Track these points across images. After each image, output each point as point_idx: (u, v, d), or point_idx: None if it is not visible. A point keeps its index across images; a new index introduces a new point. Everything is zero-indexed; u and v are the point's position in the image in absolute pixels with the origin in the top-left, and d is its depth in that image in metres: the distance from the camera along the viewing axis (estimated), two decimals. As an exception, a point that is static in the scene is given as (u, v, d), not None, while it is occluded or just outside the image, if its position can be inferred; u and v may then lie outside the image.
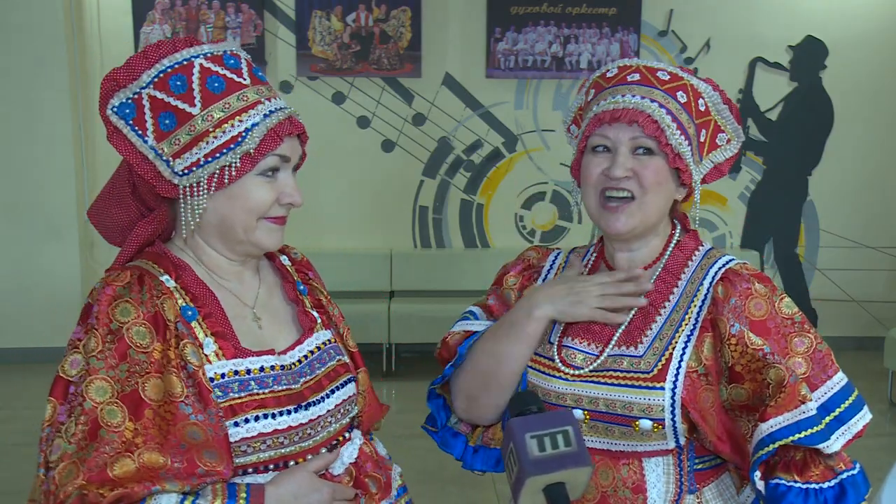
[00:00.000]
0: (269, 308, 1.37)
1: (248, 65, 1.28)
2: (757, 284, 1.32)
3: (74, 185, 5.58)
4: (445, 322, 6.20)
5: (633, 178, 1.33)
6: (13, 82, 5.46)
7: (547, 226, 6.01)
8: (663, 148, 1.33)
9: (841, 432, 1.27)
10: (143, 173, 1.25)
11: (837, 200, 5.97)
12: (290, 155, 1.28)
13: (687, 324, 1.32)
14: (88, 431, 1.13)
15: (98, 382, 1.15)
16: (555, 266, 1.52)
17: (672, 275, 1.38)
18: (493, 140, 5.87)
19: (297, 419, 1.27)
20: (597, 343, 1.38)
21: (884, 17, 5.78)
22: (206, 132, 1.21)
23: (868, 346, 5.84)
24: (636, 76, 1.37)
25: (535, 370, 1.41)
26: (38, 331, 5.64)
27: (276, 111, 1.26)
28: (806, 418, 1.23)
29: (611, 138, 1.35)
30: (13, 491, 3.62)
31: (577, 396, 1.34)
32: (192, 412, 1.17)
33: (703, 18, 5.76)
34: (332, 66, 5.68)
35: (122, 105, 1.24)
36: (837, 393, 1.31)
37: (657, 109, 1.32)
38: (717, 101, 1.41)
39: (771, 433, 1.23)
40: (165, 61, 1.23)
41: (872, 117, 5.89)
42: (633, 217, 1.35)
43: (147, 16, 5.57)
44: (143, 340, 1.18)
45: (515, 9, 5.68)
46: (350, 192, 5.70)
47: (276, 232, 1.31)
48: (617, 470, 1.32)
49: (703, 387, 1.29)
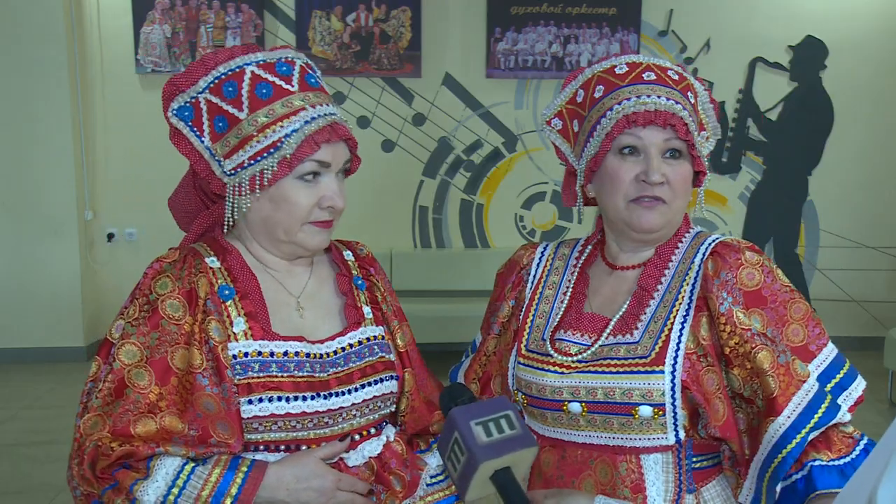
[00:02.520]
0: (317, 299, 1.41)
1: (302, 71, 1.34)
2: (748, 253, 1.30)
3: (74, 185, 5.58)
4: (445, 322, 6.19)
5: (666, 183, 1.32)
6: (13, 82, 5.46)
7: (547, 226, 6.01)
8: (691, 151, 1.32)
9: (843, 398, 1.27)
10: (200, 171, 1.34)
11: (837, 200, 5.98)
12: (329, 160, 1.33)
13: (681, 303, 1.30)
14: (114, 389, 1.23)
15: (128, 346, 1.25)
16: (543, 259, 1.51)
17: (663, 258, 1.37)
18: (493, 140, 5.87)
19: (314, 406, 1.30)
20: (590, 334, 1.36)
21: (884, 17, 5.78)
22: (251, 136, 1.28)
23: (868, 346, 5.84)
24: (652, 75, 1.34)
25: (527, 366, 1.39)
26: (38, 331, 5.65)
27: (318, 118, 1.30)
28: (814, 396, 1.23)
29: (643, 139, 1.31)
30: (13, 491, 3.62)
31: (574, 388, 1.32)
32: (208, 384, 1.25)
33: (703, 18, 5.76)
34: (332, 66, 5.68)
35: (181, 108, 1.33)
36: (834, 360, 1.29)
37: (681, 111, 1.31)
38: (705, 99, 1.40)
39: (793, 424, 1.22)
40: (221, 68, 1.31)
41: (872, 117, 5.89)
42: (665, 216, 1.34)
43: (147, 16, 5.57)
44: (177, 313, 1.28)
45: (515, 9, 5.68)
46: (350, 192, 5.64)
47: (321, 234, 1.36)
48: (615, 468, 1.30)
49: (705, 368, 1.27)
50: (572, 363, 1.34)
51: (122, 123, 5.67)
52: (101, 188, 5.73)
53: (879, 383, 5.14)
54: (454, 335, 5.47)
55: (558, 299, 1.44)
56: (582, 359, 1.34)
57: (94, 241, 5.79)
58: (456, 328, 5.44)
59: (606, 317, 1.37)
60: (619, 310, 1.36)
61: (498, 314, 1.51)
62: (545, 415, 1.37)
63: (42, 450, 4.04)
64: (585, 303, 1.42)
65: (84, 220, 5.68)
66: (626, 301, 1.36)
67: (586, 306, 1.41)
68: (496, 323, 1.51)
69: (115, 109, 5.62)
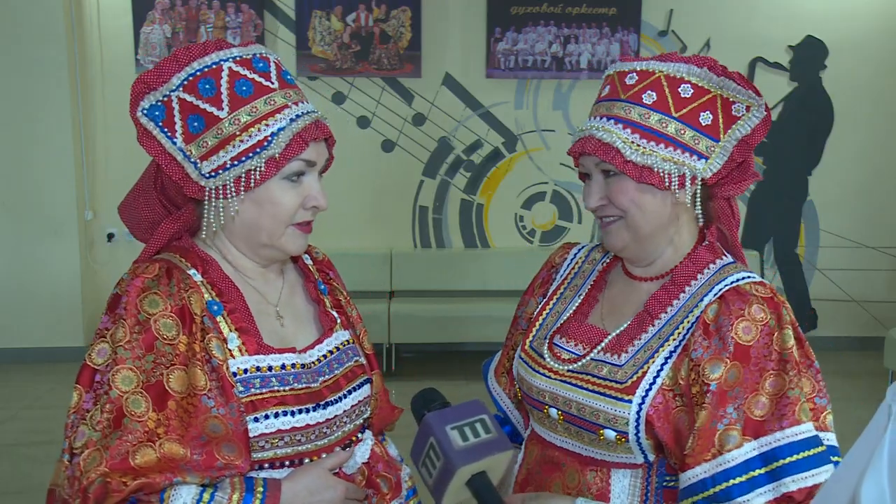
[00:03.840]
0: (292, 307, 1.38)
1: (278, 68, 1.29)
2: (754, 307, 1.23)
3: (74, 185, 5.58)
4: (445, 322, 6.19)
5: (608, 203, 1.32)
6: (13, 83, 5.45)
7: (547, 226, 6.01)
8: (622, 168, 1.27)
9: (768, 489, 1.16)
10: (171, 174, 1.26)
11: (837, 200, 5.97)
12: (315, 160, 1.29)
13: (673, 340, 1.27)
14: (113, 419, 1.15)
15: (124, 372, 1.16)
16: (574, 260, 1.51)
17: (677, 286, 1.32)
18: (493, 140, 5.87)
19: (315, 418, 1.28)
20: (584, 345, 1.36)
21: (884, 17, 5.78)
22: (233, 136, 1.22)
23: (868, 346, 5.84)
24: (607, 89, 1.34)
25: (524, 362, 1.42)
26: (38, 331, 5.64)
27: (302, 115, 1.27)
28: (722, 471, 1.17)
29: (586, 167, 1.35)
30: (13, 491, 3.62)
31: (555, 396, 1.33)
32: (214, 405, 1.18)
33: (703, 18, 5.76)
34: (332, 66, 5.68)
35: (152, 107, 1.25)
36: (788, 445, 1.17)
37: (613, 128, 1.28)
38: (708, 76, 1.30)
39: (691, 485, 1.19)
40: (195, 64, 1.24)
41: (872, 117, 5.89)
42: (621, 234, 1.33)
43: (147, 16, 5.57)
44: (170, 332, 1.20)
45: (515, 9, 5.68)
46: (350, 192, 5.69)
47: (302, 237, 1.32)
48: (583, 474, 1.31)
49: (678, 407, 1.23)
50: (560, 370, 1.35)
51: (122, 123, 5.63)
52: (101, 188, 5.72)
53: (879, 383, 5.14)
54: (454, 335, 5.47)
55: (573, 301, 1.44)
56: (569, 369, 1.34)
57: (94, 241, 5.79)
58: (456, 328, 5.44)
59: (605, 331, 1.36)
60: (619, 326, 1.35)
61: (525, 309, 1.53)
62: (532, 412, 1.42)
63: (42, 450, 4.04)
64: (596, 307, 1.42)
65: (84, 220, 5.67)
66: (629, 319, 1.35)
67: (595, 311, 1.42)
68: (523, 318, 1.52)
69: (115, 109, 5.62)
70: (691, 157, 1.29)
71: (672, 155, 1.28)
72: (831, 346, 5.88)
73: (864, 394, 4.88)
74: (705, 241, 1.36)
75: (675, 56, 1.33)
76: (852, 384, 5.08)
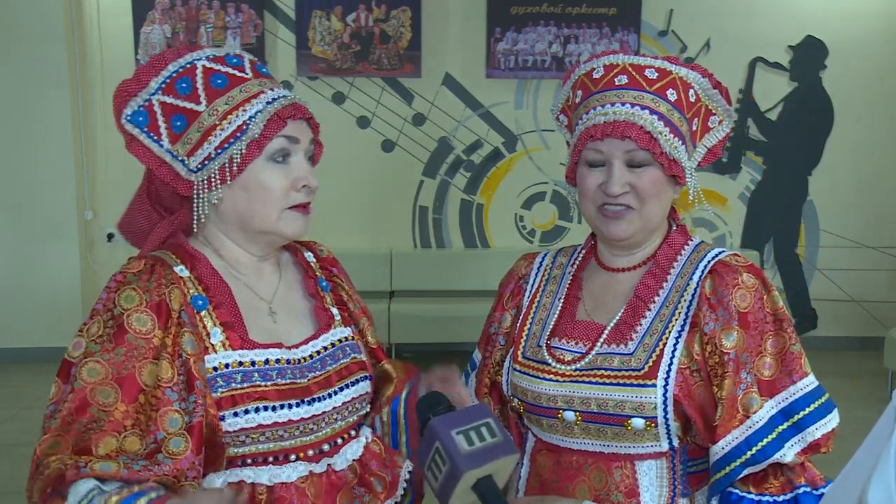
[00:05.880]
0: (287, 303, 1.38)
1: (252, 62, 1.33)
2: (745, 275, 1.29)
3: (74, 185, 5.58)
4: (445, 322, 6.18)
5: (631, 191, 1.31)
6: (13, 83, 5.46)
7: (547, 226, 6.01)
8: (658, 158, 1.29)
9: (796, 440, 1.24)
10: (163, 176, 1.28)
11: (837, 200, 5.97)
12: (298, 136, 1.30)
13: (677, 319, 1.30)
14: (74, 409, 1.15)
15: (91, 364, 1.17)
16: (542, 268, 1.50)
17: (661, 269, 1.36)
18: (493, 140, 5.87)
19: (300, 413, 1.27)
20: (584, 342, 1.36)
21: (884, 17, 5.78)
22: (214, 126, 1.25)
23: (868, 346, 5.84)
24: (624, 78, 1.32)
25: (523, 373, 1.39)
26: (38, 331, 5.64)
27: (279, 98, 1.29)
28: (757, 431, 1.23)
29: (604, 152, 1.31)
30: (13, 491, 3.62)
31: (569, 398, 1.32)
32: (176, 399, 1.19)
33: (703, 18, 5.76)
34: (332, 66, 5.68)
35: (135, 114, 1.28)
36: (802, 397, 1.26)
37: (648, 117, 1.29)
38: (706, 86, 1.37)
39: (725, 455, 1.23)
40: (171, 66, 1.28)
41: (872, 117, 5.89)
42: (633, 224, 1.33)
43: (147, 16, 5.57)
44: (144, 327, 1.20)
45: (515, 9, 5.68)
46: (350, 192, 5.69)
47: (300, 219, 1.32)
48: (609, 473, 1.31)
49: (697, 383, 1.27)
50: (567, 371, 1.34)
51: (122, 123, 5.66)
52: (101, 188, 5.72)
53: (879, 383, 5.14)
54: (454, 335, 5.47)
55: (554, 306, 1.44)
56: (577, 367, 1.34)
57: (94, 241, 5.79)
58: (456, 328, 5.44)
59: (600, 323, 1.37)
60: (613, 317, 1.36)
61: (500, 325, 1.50)
62: (541, 421, 1.38)
63: (42, 450, 4.04)
64: (579, 305, 1.42)
65: (84, 221, 5.67)
66: (620, 308, 1.36)
67: (580, 309, 1.41)
68: (500, 334, 1.50)
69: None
70: (688, 155, 1.36)
71: (684, 152, 1.34)
72: (831, 346, 5.88)
73: (864, 394, 4.88)
74: (673, 227, 1.42)
75: (676, 60, 1.38)
76: (852, 384, 5.08)
